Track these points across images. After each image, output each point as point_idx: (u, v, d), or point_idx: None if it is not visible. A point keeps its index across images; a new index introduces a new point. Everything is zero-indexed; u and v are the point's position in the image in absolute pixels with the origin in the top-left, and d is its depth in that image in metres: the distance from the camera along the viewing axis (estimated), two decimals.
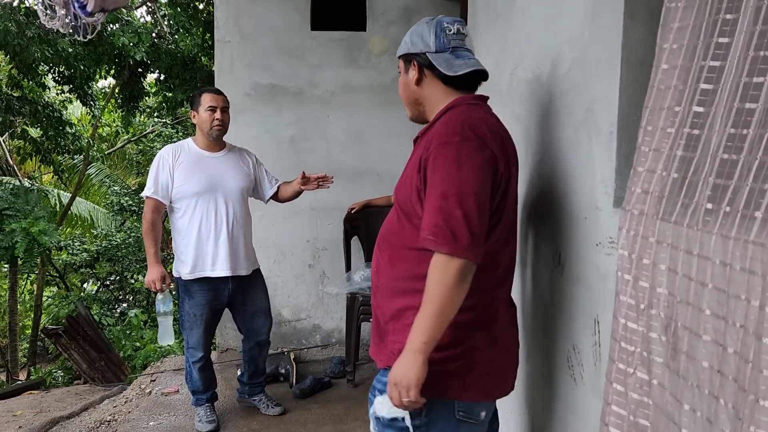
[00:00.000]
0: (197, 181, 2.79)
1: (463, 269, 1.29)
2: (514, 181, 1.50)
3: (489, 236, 1.40)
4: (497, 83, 2.29)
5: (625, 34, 1.32)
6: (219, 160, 2.89)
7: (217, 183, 2.82)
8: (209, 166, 2.84)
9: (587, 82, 1.48)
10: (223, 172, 2.86)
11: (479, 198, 1.33)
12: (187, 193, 2.78)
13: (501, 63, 2.26)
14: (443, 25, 1.50)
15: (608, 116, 1.38)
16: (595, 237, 1.43)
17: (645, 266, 1.15)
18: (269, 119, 3.75)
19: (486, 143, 1.39)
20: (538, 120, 1.83)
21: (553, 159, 1.71)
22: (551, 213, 1.71)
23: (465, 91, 1.53)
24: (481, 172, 1.35)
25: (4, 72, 8.50)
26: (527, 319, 1.91)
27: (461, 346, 1.41)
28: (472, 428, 1.45)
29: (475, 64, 1.49)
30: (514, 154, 1.52)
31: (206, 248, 2.81)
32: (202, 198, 2.79)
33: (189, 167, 2.80)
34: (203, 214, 2.80)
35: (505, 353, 1.52)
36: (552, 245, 1.70)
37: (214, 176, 2.82)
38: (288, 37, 3.73)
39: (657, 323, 1.12)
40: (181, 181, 2.79)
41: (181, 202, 2.81)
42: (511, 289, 1.58)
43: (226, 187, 2.84)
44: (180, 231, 2.84)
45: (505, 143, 1.47)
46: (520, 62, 2.01)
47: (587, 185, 1.47)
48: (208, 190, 2.80)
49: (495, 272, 1.47)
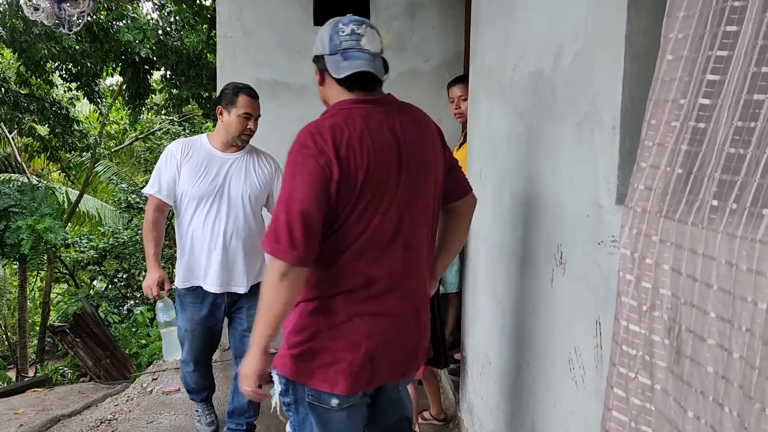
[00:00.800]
0: (201, 183, 2.50)
1: (282, 269, 1.42)
2: (389, 181, 1.50)
3: (330, 237, 1.48)
4: (499, 78, 2.24)
5: (629, 24, 1.27)
6: (230, 162, 2.56)
7: (222, 187, 2.52)
8: (217, 168, 2.53)
9: (590, 74, 1.43)
10: (232, 175, 2.55)
11: (305, 205, 1.40)
12: (189, 195, 2.51)
13: (503, 57, 2.21)
14: (338, 26, 1.53)
15: (611, 110, 1.33)
16: (597, 235, 1.38)
17: (648, 266, 1.10)
18: (272, 115, 3.71)
19: (323, 151, 1.43)
20: (540, 115, 1.78)
21: (555, 155, 1.66)
22: (553, 210, 1.67)
23: (358, 92, 1.54)
24: (311, 179, 1.41)
25: (12, 69, 8.53)
26: (528, 319, 1.86)
27: (305, 332, 1.51)
28: (327, 413, 1.55)
29: (359, 66, 1.48)
30: (395, 154, 1.51)
31: (199, 259, 2.55)
32: (203, 203, 2.51)
33: (195, 166, 2.51)
34: (202, 220, 2.52)
35: (354, 348, 1.52)
36: (553, 243, 1.65)
37: (220, 179, 2.52)
38: (291, 32, 3.70)
39: (660, 326, 1.07)
40: (186, 180, 2.51)
41: (183, 203, 2.54)
42: (383, 288, 1.54)
43: (231, 192, 2.53)
44: (180, 234, 2.60)
45: (379, 145, 1.48)
46: (523, 56, 1.96)
47: (589, 182, 1.42)
48: (211, 194, 2.51)
49: (342, 271, 1.51)
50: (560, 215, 1.61)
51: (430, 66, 3.77)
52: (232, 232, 2.54)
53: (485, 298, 2.43)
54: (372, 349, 1.53)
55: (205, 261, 2.54)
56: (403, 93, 3.78)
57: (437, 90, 3.78)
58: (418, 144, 1.57)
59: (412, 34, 3.74)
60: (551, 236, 1.67)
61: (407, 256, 1.56)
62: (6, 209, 6.29)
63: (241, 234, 2.56)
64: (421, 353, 1.69)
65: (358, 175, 1.45)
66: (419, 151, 1.56)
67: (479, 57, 2.59)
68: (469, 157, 2.78)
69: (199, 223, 2.52)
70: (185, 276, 2.57)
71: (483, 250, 2.50)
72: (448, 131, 3.85)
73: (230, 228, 2.54)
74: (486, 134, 2.46)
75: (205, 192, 2.50)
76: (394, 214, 1.52)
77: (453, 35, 3.76)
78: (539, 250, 1.77)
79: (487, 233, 2.40)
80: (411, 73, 3.77)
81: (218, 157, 2.55)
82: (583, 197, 1.47)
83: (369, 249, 1.51)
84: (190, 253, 2.55)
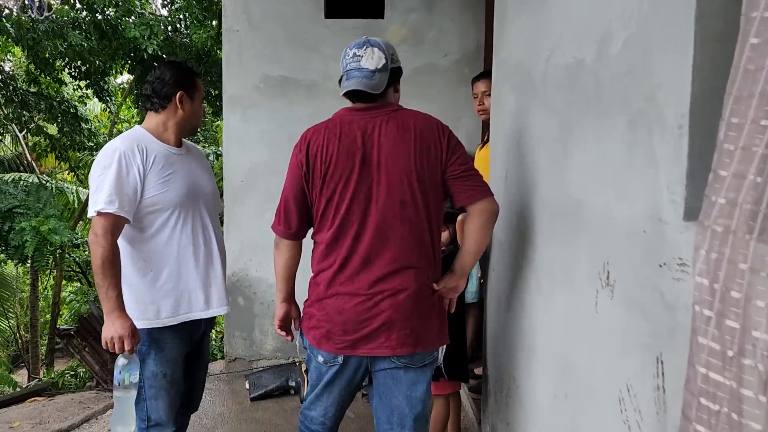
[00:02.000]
0: (178, 186, 2.04)
1: (275, 240, 1.96)
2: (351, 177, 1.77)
3: (316, 222, 1.87)
4: (529, 72, 2.02)
5: (699, 2, 1.05)
6: (188, 159, 2.15)
7: (197, 188, 2.12)
8: (182, 167, 2.09)
9: (648, 63, 1.21)
10: (199, 174, 2.16)
11: (286, 192, 1.89)
12: (166, 204, 2.01)
13: (534, 49, 1.98)
14: (346, 51, 1.85)
15: (677, 105, 1.10)
16: (657, 256, 1.16)
17: (734, 301, 0.88)
18: (279, 114, 3.52)
19: (300, 149, 1.84)
20: (579, 112, 1.56)
21: (599, 158, 1.44)
22: (597, 222, 1.44)
23: (359, 103, 1.85)
24: (290, 173, 1.87)
25: (22, 68, 8.43)
26: (565, 344, 1.64)
27: (308, 299, 1.93)
28: (319, 367, 1.90)
29: (352, 85, 1.79)
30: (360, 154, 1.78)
31: (195, 278, 2.07)
32: (184, 209, 2.05)
33: (161, 169, 2.01)
34: (189, 232, 2.06)
35: (329, 320, 1.83)
36: (598, 261, 1.43)
37: (192, 180, 2.10)
38: (300, 25, 3.49)
39: (752, 377, 0.85)
40: (158, 188, 1.99)
41: (154, 216, 2.00)
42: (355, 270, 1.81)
43: (205, 193, 2.16)
44: (148, 257, 2.02)
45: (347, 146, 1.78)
46: (558, 46, 1.74)
47: (646, 191, 1.20)
48: (191, 198, 2.08)
49: (325, 253, 1.85)
50: (607, 228, 1.38)
51: (449, 61, 3.55)
52: (219, 238, 2.19)
53: (511, 313, 2.21)
54: (341, 323, 1.81)
55: (204, 277, 2.10)
56: (419, 89, 3.58)
57: (456, 86, 3.56)
58: (394, 145, 1.78)
59: (430, 27, 3.52)
60: (595, 252, 1.45)
61: (382, 244, 1.79)
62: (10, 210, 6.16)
63: (220, 239, 2.21)
64: (411, 335, 1.82)
65: (322, 169, 1.79)
66: (392, 152, 1.78)
67: (505, 49, 2.37)
68: (493, 158, 2.56)
69: (185, 236, 2.05)
70: (173, 309, 2.04)
71: (508, 260, 2.28)
72: (467, 130, 3.65)
73: (217, 233, 2.18)
74: (512, 134, 2.24)
75: (185, 196, 2.06)
76: (361, 206, 1.78)
77: (473, 28, 3.53)
78: (579, 266, 1.55)
79: (514, 242, 2.18)
80: (428, 68, 3.55)
81: (175, 155, 2.09)
82: (637, 209, 1.24)
83: (342, 235, 1.81)
84: (177, 278, 2.04)
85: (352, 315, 1.80)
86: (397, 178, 1.76)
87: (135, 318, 1.94)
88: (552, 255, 1.76)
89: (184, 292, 2.06)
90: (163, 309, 2.02)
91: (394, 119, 1.81)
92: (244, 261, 3.59)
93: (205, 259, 2.11)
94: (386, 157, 1.76)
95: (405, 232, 1.79)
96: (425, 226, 1.81)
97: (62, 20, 6.56)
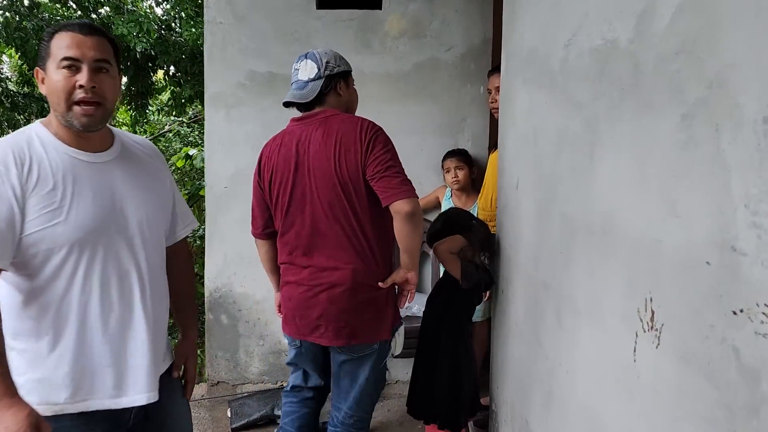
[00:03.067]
0: (80, 214, 1.37)
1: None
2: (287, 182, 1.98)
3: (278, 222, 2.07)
4: (545, 60, 1.70)
5: None
6: (112, 169, 1.46)
7: (117, 215, 1.44)
8: (97, 183, 1.42)
9: (712, 37, 0.90)
10: (127, 191, 1.47)
11: (252, 198, 2.17)
12: (57, 243, 1.35)
13: (551, 34, 1.67)
14: (293, 66, 2.08)
15: (756, 93, 0.79)
16: (729, 299, 0.84)
17: None
18: (267, 114, 3.22)
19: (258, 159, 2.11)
20: (611, 105, 1.25)
21: (638, 163, 1.12)
22: (637, 245, 1.13)
23: (299, 112, 2.06)
24: (253, 180, 2.14)
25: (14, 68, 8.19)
26: (592, 393, 1.32)
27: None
28: (289, 346, 2.19)
29: (287, 97, 2.05)
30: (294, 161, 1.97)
31: (101, 350, 1.42)
32: (90, 248, 1.39)
33: (54, 191, 1.35)
34: (97, 279, 1.41)
35: (286, 305, 2.07)
36: (638, 294, 1.11)
37: (109, 203, 1.43)
38: (289, 17, 3.19)
39: None
40: (43, 219, 1.33)
41: (42, 260, 1.36)
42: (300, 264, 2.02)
43: (130, 221, 1.46)
44: (39, 315, 1.38)
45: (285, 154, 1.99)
46: (582, 26, 1.42)
47: (710, 209, 0.89)
48: (102, 231, 1.40)
49: (281, 247, 2.08)
50: (650, 255, 1.07)
51: (453, 55, 3.23)
52: (150, 287, 1.50)
53: (522, 345, 1.89)
54: (292, 309, 2.04)
55: (113, 356, 1.43)
56: (420, 86, 3.25)
57: (461, 83, 3.24)
58: (318, 152, 1.92)
59: (432, 18, 3.21)
60: (633, 284, 1.13)
61: (320, 241, 1.96)
62: None
63: (160, 286, 1.56)
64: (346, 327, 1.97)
65: (268, 177, 2.03)
66: (318, 158, 1.92)
67: (516, 37, 2.06)
68: (501, 162, 2.24)
69: (89, 287, 1.40)
70: (73, 394, 1.39)
71: (519, 281, 1.96)
72: (473, 132, 3.32)
73: (147, 280, 1.49)
74: (524, 134, 1.93)
75: (91, 227, 1.38)
76: (299, 207, 1.97)
77: (480, 19, 3.22)
78: (610, 299, 1.23)
79: (526, 262, 1.86)
80: (430, 63, 3.24)
81: (87, 162, 1.42)
82: (696, 233, 0.93)
83: (288, 232, 2.02)
84: (78, 349, 1.40)
85: (297, 302, 2.01)
86: (323, 182, 1.92)
87: (35, 403, 1.32)
88: (574, 281, 1.45)
89: (87, 368, 1.40)
90: (63, 392, 1.39)
91: (322, 127, 1.95)
92: (228, 275, 3.28)
93: (119, 323, 1.44)
94: (313, 163, 1.92)
95: (338, 231, 1.94)
96: (356, 226, 1.93)
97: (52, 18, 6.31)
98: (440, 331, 2.36)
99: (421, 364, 2.43)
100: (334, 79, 2.01)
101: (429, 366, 2.38)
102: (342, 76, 2.04)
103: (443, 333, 2.35)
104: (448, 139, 3.27)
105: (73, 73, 1.36)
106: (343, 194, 1.91)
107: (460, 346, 2.34)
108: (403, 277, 2.01)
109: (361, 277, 1.95)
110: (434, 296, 2.43)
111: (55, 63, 1.36)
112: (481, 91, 3.20)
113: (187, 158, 6.72)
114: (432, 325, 2.39)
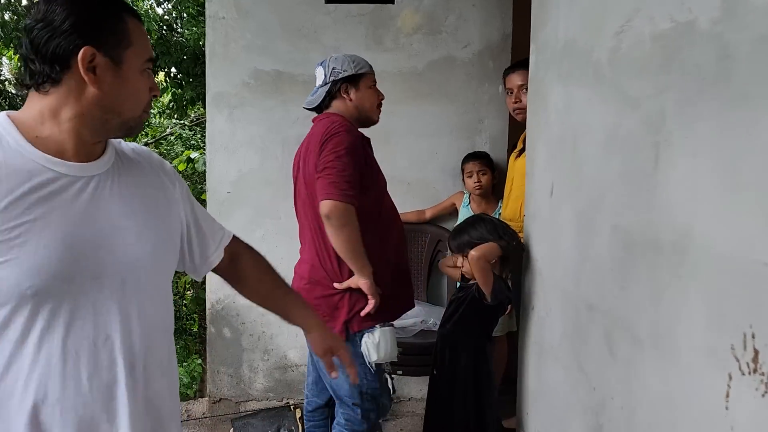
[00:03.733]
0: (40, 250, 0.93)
1: None
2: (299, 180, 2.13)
3: None
4: (588, 54, 1.51)
5: None
6: (97, 185, 1.04)
7: (96, 250, 1.00)
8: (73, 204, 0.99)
9: None
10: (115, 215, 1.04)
11: None
12: (12, 293, 0.92)
13: (595, 22, 1.49)
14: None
15: None
16: None
17: None
18: (272, 115, 3.03)
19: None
20: (684, 100, 1.06)
21: (726, 168, 0.93)
22: (722, 266, 0.93)
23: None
24: None
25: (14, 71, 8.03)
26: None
27: None
28: None
29: (305, 104, 2.19)
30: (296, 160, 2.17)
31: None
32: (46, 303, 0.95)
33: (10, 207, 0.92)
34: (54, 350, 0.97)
35: None
36: (730, 326, 0.92)
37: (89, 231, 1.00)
38: (297, 11, 3.00)
39: None
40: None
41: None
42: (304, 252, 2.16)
43: (119, 258, 1.03)
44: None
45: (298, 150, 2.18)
46: (640, 9, 1.24)
47: None
48: (68, 276, 0.96)
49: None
50: (751, 280, 0.87)
51: (470, 53, 3.04)
52: (142, 361, 1.07)
53: (559, 371, 1.70)
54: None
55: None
56: (435, 86, 3.04)
57: (478, 82, 3.05)
58: (303, 153, 2.08)
59: (448, 13, 3.02)
60: (725, 313, 0.93)
61: (303, 235, 2.15)
62: None
63: (159, 357, 1.12)
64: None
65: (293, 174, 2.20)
66: (303, 159, 2.07)
67: (549, 29, 1.87)
68: (531, 167, 2.05)
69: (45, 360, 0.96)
70: None
71: (555, 299, 1.77)
72: (491, 134, 3.13)
73: (137, 351, 1.06)
74: (560, 135, 1.74)
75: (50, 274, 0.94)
76: (298, 204, 2.16)
77: (499, 14, 3.02)
78: (688, 329, 1.03)
79: (564, 278, 1.67)
80: (446, 61, 3.04)
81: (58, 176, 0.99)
82: None
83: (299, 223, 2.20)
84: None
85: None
86: (302, 181, 2.09)
87: None
88: (631, 304, 1.25)
89: None
90: None
91: (314, 128, 2.08)
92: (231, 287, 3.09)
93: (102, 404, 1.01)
94: (301, 163, 2.08)
95: (307, 227, 2.09)
96: (315, 225, 2.04)
97: None
98: (459, 352, 2.17)
99: (438, 386, 2.24)
100: (339, 84, 2.08)
101: (447, 389, 2.19)
102: (349, 80, 2.07)
103: (463, 354, 2.16)
104: (465, 141, 3.08)
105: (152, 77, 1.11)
106: (308, 194, 2.04)
107: (482, 368, 2.16)
108: (355, 283, 1.98)
109: (316, 273, 2.04)
110: (452, 314, 2.22)
111: (140, 61, 1.06)
112: (500, 90, 3.01)
113: (189, 161, 6.54)
114: (450, 346, 2.20)
